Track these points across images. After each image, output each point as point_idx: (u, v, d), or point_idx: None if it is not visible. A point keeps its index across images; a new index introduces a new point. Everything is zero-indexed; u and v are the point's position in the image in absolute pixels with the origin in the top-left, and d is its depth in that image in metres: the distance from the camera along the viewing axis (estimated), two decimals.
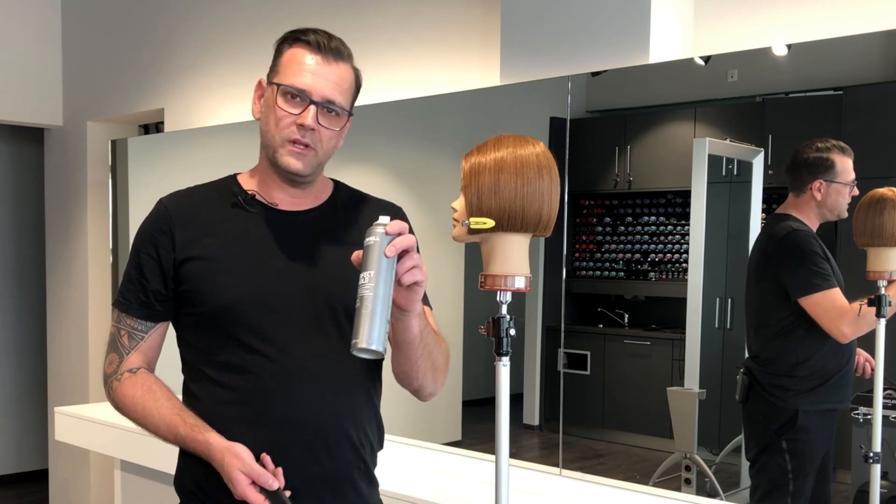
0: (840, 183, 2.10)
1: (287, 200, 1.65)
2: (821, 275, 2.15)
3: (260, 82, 1.65)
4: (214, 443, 1.53)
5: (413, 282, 1.38)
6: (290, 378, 1.57)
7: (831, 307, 2.13)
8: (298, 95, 1.56)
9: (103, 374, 1.71)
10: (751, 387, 2.24)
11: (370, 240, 1.35)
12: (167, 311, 1.65)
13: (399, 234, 1.35)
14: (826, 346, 2.15)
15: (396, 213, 1.74)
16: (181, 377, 1.70)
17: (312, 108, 1.56)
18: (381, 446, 1.74)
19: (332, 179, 1.74)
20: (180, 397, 1.68)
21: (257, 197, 1.64)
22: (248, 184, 1.67)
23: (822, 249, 2.16)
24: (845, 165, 2.10)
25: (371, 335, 1.30)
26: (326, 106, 1.58)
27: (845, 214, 2.11)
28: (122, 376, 1.66)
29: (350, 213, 1.71)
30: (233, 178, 1.70)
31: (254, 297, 1.58)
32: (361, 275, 1.33)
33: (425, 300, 1.71)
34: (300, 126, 1.56)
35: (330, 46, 1.59)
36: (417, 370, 1.57)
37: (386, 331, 1.32)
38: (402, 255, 1.37)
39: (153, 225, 1.64)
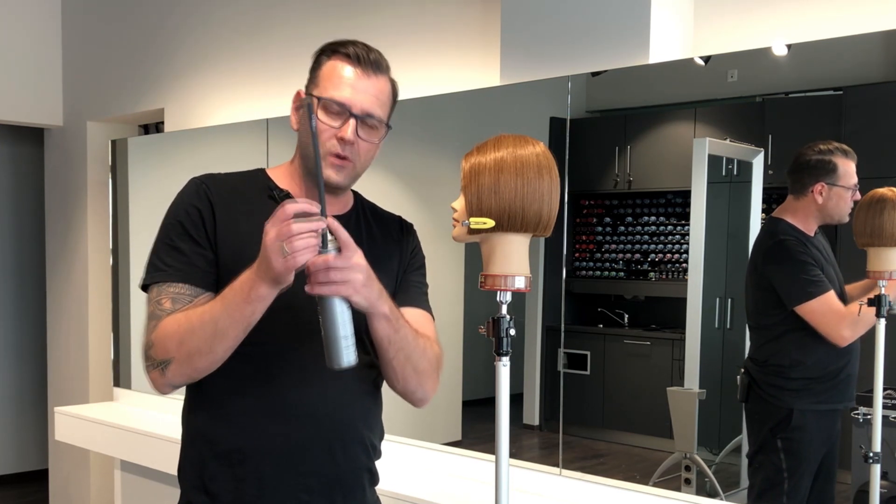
0: (842, 187, 2.09)
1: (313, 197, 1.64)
2: (813, 282, 2.15)
3: (298, 93, 1.64)
4: (250, 269, 1.40)
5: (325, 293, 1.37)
6: (311, 378, 1.57)
7: (828, 312, 2.13)
8: (339, 109, 1.56)
9: (143, 353, 1.52)
10: (750, 387, 2.25)
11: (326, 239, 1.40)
12: (215, 283, 1.55)
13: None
14: (821, 348, 2.16)
15: (408, 229, 1.78)
16: None
17: (352, 121, 1.56)
18: (380, 453, 1.76)
19: (351, 189, 1.74)
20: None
21: (293, 195, 1.63)
22: (280, 182, 1.66)
23: (812, 256, 2.16)
24: (847, 169, 2.09)
25: (333, 357, 1.39)
26: (365, 119, 1.57)
27: (846, 219, 2.10)
28: (157, 325, 1.50)
29: (370, 223, 1.74)
30: (264, 174, 1.68)
31: (283, 297, 1.53)
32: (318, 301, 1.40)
33: (426, 307, 1.73)
34: (340, 140, 1.56)
35: (369, 59, 1.58)
36: (395, 371, 1.59)
37: (345, 346, 1.39)
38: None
39: (194, 199, 1.58)
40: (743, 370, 2.27)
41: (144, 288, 1.58)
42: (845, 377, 2.17)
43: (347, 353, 1.40)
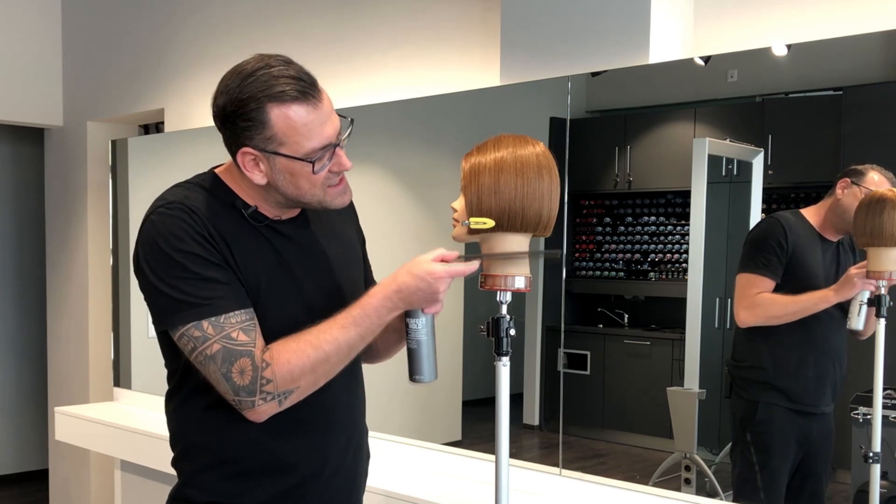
0: (863, 187, 2.08)
1: (282, 212, 1.63)
2: (754, 258, 2.19)
3: (247, 151, 1.50)
4: (395, 282, 1.49)
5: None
6: (330, 386, 1.57)
7: (741, 288, 2.20)
8: (323, 150, 1.50)
9: (238, 391, 1.45)
10: (731, 383, 2.27)
11: None
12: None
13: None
14: (772, 341, 2.18)
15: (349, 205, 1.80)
16: (167, 387, 1.66)
17: (339, 150, 1.53)
18: None
19: None
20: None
21: (259, 209, 1.58)
22: (240, 193, 1.59)
23: (784, 240, 2.16)
24: (873, 179, 2.06)
25: (432, 371, 1.55)
26: (340, 136, 1.54)
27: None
28: (265, 361, 1.46)
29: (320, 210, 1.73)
30: (222, 183, 1.60)
31: (288, 313, 1.55)
32: (412, 321, 1.53)
33: (372, 280, 1.81)
34: (340, 171, 1.54)
35: (308, 87, 1.49)
36: (396, 351, 1.74)
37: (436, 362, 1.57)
38: None
39: (196, 224, 1.49)
40: (727, 367, 2.29)
41: (171, 328, 1.48)
42: (815, 377, 2.17)
43: (436, 369, 1.56)
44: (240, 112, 1.48)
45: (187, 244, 1.47)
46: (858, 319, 2.05)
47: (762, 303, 2.16)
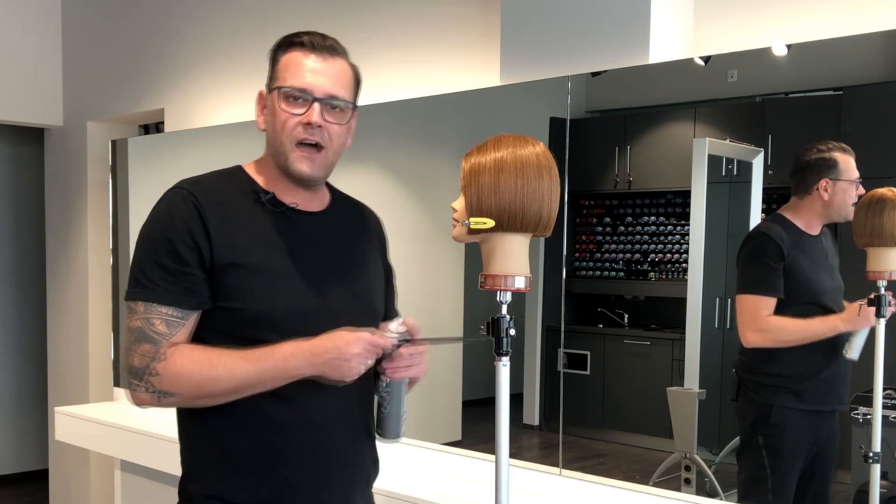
0: (845, 181, 2.09)
1: (301, 202, 1.65)
2: (754, 277, 2.19)
3: (261, 94, 1.64)
4: (310, 342, 1.49)
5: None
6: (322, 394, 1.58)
7: (745, 310, 2.19)
8: (301, 96, 1.55)
9: (130, 370, 1.52)
10: (739, 385, 2.27)
11: (387, 352, 1.56)
12: (207, 300, 1.55)
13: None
14: (795, 347, 2.17)
15: (380, 222, 1.83)
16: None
17: (316, 105, 1.56)
18: None
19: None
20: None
21: (277, 196, 1.62)
22: (261, 180, 1.64)
23: (779, 254, 2.16)
24: (848, 164, 2.09)
25: (395, 431, 1.62)
26: (330, 102, 1.57)
27: (851, 216, 2.10)
28: (164, 354, 1.50)
29: (350, 215, 1.75)
30: (244, 173, 1.65)
31: (292, 303, 1.56)
32: (381, 378, 1.58)
33: (395, 311, 1.82)
34: (307, 125, 1.55)
35: (324, 45, 1.59)
36: None
37: (405, 420, 1.62)
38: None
39: (185, 212, 1.53)
40: (734, 369, 2.29)
41: (125, 296, 1.56)
42: (828, 378, 2.17)
43: (404, 427, 1.59)
44: (270, 60, 1.63)
45: (166, 230, 1.54)
46: (856, 350, 2.06)
47: (772, 328, 2.16)
